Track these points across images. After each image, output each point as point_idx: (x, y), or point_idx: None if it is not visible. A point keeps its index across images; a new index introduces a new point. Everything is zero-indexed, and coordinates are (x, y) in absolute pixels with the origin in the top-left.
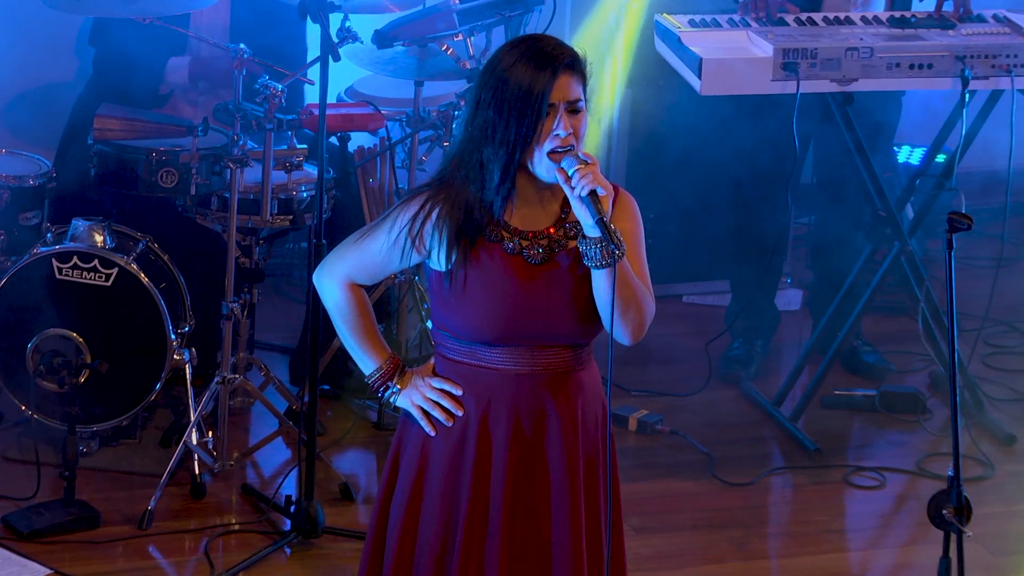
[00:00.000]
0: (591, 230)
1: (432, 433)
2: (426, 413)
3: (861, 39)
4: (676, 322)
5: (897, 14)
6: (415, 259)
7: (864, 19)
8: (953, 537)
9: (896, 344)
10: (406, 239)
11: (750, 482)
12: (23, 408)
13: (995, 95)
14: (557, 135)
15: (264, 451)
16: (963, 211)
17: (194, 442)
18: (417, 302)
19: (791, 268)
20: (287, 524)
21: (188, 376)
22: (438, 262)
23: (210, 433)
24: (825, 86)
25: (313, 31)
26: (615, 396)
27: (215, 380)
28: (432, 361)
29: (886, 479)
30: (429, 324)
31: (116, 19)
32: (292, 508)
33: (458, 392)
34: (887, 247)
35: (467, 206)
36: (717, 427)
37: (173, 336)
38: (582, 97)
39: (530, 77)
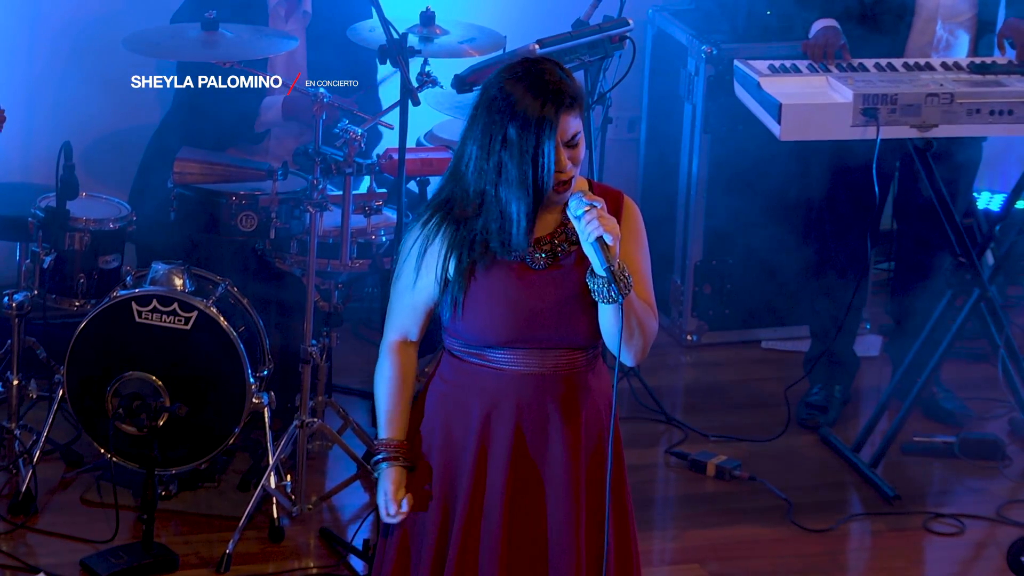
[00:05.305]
0: (599, 270)
1: (385, 518)
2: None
3: (941, 85)
4: (755, 367)
5: (978, 60)
6: (440, 274)
7: (944, 65)
8: None
9: (976, 390)
10: (424, 260)
11: (829, 528)
12: (102, 451)
13: None
14: (560, 172)
15: (342, 495)
16: None
17: (272, 486)
18: None
19: (870, 314)
20: (364, 568)
21: (267, 419)
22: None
23: (288, 477)
24: (905, 132)
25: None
26: (693, 441)
27: (293, 424)
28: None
29: (965, 526)
30: None
31: (201, 61)
32: (370, 552)
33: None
34: (967, 293)
35: (481, 238)
36: (796, 473)
37: (252, 379)
38: (580, 130)
39: (535, 127)
